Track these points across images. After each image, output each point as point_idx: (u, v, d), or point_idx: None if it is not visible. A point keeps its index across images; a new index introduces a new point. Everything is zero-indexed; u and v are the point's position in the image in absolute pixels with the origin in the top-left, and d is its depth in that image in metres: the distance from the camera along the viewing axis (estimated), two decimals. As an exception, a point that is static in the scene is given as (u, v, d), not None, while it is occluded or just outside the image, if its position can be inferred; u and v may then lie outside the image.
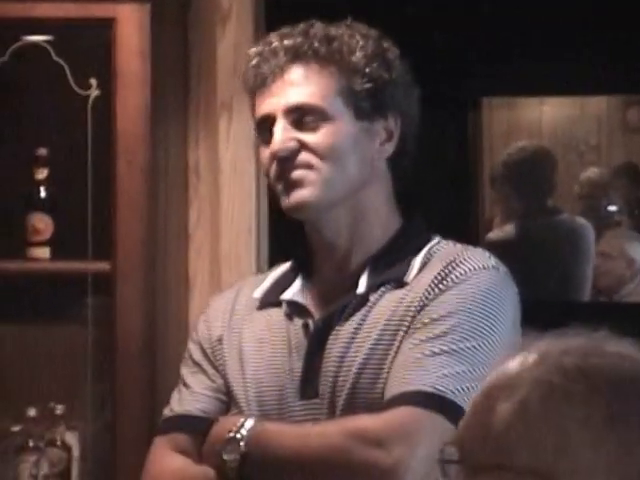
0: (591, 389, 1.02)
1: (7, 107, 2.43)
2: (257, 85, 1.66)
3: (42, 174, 2.31)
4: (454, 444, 1.20)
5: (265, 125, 1.65)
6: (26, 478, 2.36)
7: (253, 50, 1.70)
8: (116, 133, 2.28)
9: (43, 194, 2.37)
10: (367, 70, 1.65)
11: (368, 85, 1.66)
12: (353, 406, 1.67)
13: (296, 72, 1.66)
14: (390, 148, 1.69)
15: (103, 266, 2.30)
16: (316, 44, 1.65)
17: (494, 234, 4.05)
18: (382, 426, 1.63)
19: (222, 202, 2.47)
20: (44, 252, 2.37)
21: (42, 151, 2.31)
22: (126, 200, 2.31)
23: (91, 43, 2.36)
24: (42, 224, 2.36)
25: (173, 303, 2.47)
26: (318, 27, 1.70)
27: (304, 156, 1.64)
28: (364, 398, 1.68)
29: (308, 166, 1.65)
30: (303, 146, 1.63)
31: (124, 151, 2.29)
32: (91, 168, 2.32)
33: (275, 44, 1.65)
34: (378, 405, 1.66)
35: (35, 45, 2.30)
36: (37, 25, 2.32)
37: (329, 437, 1.68)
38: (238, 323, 1.82)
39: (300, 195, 1.65)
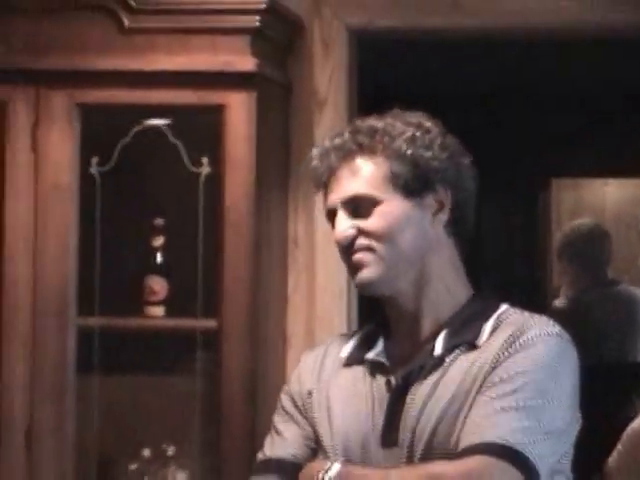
0: None
1: (130, 182, 2.65)
2: (318, 184, 1.84)
3: (159, 241, 2.53)
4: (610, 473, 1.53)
5: (331, 216, 1.80)
6: None
7: (313, 152, 1.85)
8: (224, 206, 2.43)
9: (159, 259, 2.57)
10: (409, 153, 1.77)
11: (411, 167, 1.78)
12: (429, 455, 1.75)
13: (346, 168, 1.80)
14: (444, 217, 1.80)
15: (211, 324, 2.47)
16: (360, 138, 1.79)
17: (559, 302, 4.21)
18: (456, 472, 1.71)
19: (317, 269, 2.68)
20: (159, 311, 2.57)
21: (159, 221, 2.51)
22: (232, 266, 2.46)
23: (204, 126, 2.50)
24: (158, 286, 2.55)
25: (272, 358, 2.66)
26: (364, 121, 1.84)
27: (362, 240, 1.78)
28: (440, 448, 1.75)
29: (367, 249, 1.78)
30: (360, 232, 1.76)
31: (231, 223, 2.45)
32: (202, 237, 2.50)
33: (327, 145, 1.81)
34: (452, 454, 1.74)
35: (154, 128, 2.47)
36: (157, 110, 2.51)
37: (408, 479, 1.79)
38: (326, 378, 1.92)
39: (362, 276, 1.79)
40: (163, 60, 2.46)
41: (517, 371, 1.73)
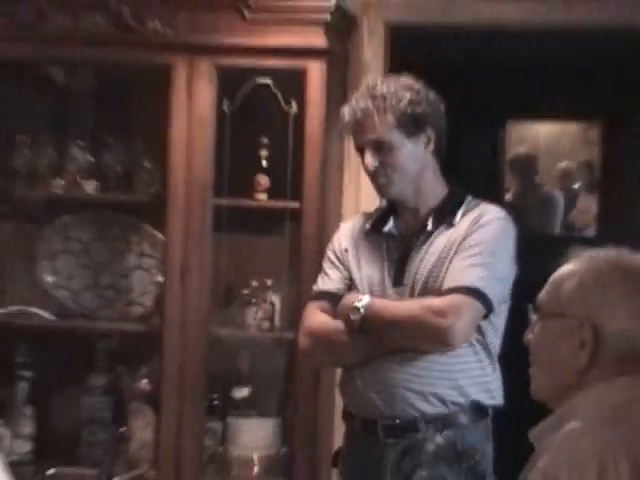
0: (624, 273, 1.61)
1: (247, 116, 3.42)
2: (347, 130, 2.56)
3: (264, 153, 3.35)
4: (537, 302, 1.67)
5: (359, 150, 2.49)
6: (250, 320, 3.43)
7: (344, 109, 2.55)
8: (305, 132, 3.24)
9: (264, 164, 3.38)
10: (408, 111, 2.42)
11: (410, 119, 2.43)
12: (424, 292, 2.41)
13: (368, 122, 2.45)
14: (431, 147, 2.46)
15: (295, 205, 3.35)
16: (376, 103, 2.44)
17: (507, 198, 5.84)
18: (442, 303, 2.36)
19: (361, 174, 3.16)
20: (263, 197, 3.40)
21: (264, 140, 3.35)
22: (310, 169, 3.26)
23: (294, 82, 3.31)
24: (263, 181, 3.39)
25: (333, 227, 3.15)
26: (377, 88, 2.52)
27: (381, 170, 2.46)
28: (431, 288, 2.41)
29: (385, 174, 2.46)
30: (381, 163, 2.43)
31: (310, 142, 3.24)
32: (291, 150, 3.30)
33: (354, 105, 2.48)
34: (439, 293, 2.39)
35: (263, 83, 3.29)
36: (265, 71, 3.32)
37: (411, 307, 2.44)
38: (356, 240, 2.61)
39: (382, 191, 2.53)
40: (269, 40, 3.22)
41: (479, 241, 2.42)
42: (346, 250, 2.62)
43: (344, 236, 2.67)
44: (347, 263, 2.61)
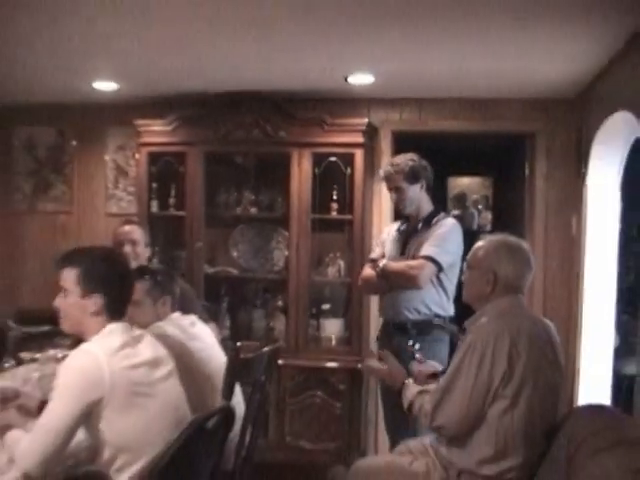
0: (507, 245, 2.91)
1: (325, 180, 5.24)
2: (382, 181, 4.07)
3: (334, 194, 5.18)
4: (466, 260, 2.94)
5: (390, 190, 3.97)
6: (329, 273, 5.25)
7: (380, 171, 4.13)
8: (354, 187, 5.11)
9: (335, 197, 5.18)
10: (410, 172, 3.95)
11: (411, 177, 3.95)
12: (413, 259, 3.86)
13: (391, 178, 3.99)
14: (424, 188, 3.98)
15: (349, 217, 5.08)
16: (395, 169, 3.98)
17: (454, 213, 7.41)
18: (415, 263, 3.88)
19: (382, 200, 5.37)
20: (335, 213, 5.10)
21: (334, 186, 5.08)
22: (357, 197, 5.08)
23: (349, 158, 4.95)
24: (334, 205, 5.11)
25: (368, 229, 5.32)
26: (395, 160, 4.02)
27: (399, 201, 4.00)
28: (416, 257, 3.87)
29: (402, 203, 3.99)
30: (399, 198, 3.97)
31: (357, 185, 5.11)
32: (348, 193, 5.16)
33: (386, 169, 4.01)
34: (417, 259, 3.80)
35: (332, 160, 5.07)
36: (332, 154, 5.12)
37: (401, 265, 3.93)
38: (390, 234, 4.20)
39: (401, 211, 4.03)
40: (336, 139, 5.00)
41: (439, 233, 3.87)
42: (384, 239, 4.18)
43: (385, 233, 4.26)
44: (383, 245, 4.15)
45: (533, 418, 2.77)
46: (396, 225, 4.24)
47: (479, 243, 2.94)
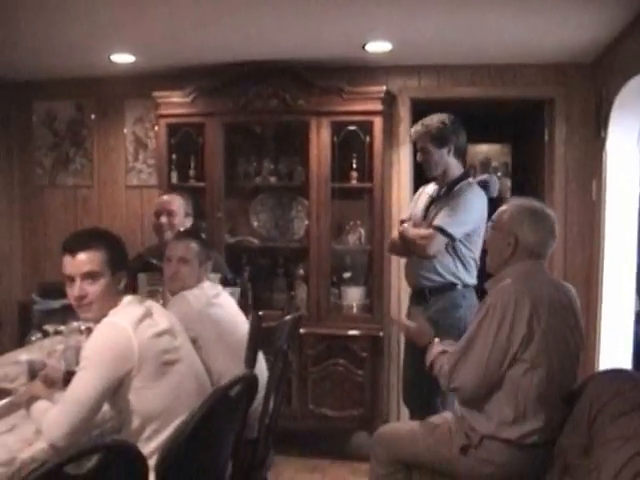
0: (530, 210, 2.90)
1: (344, 149, 5.16)
2: (412, 141, 4.05)
3: (354, 162, 5.38)
4: (490, 221, 3.02)
5: (416, 149, 3.91)
6: (350, 240, 5.26)
7: (412, 129, 3.95)
8: (374, 150, 5.19)
9: (354, 166, 5.25)
10: (439, 135, 3.84)
11: (440, 139, 3.84)
12: (430, 225, 3.82)
13: (421, 138, 3.89)
14: (452, 152, 3.88)
15: (369, 185, 5.10)
16: (425, 128, 3.87)
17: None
18: (425, 233, 3.84)
19: (401, 162, 5.47)
20: (355, 181, 5.13)
21: (354, 155, 5.17)
22: (377, 168, 5.11)
23: (367, 126, 4.99)
24: (354, 173, 5.18)
25: (388, 195, 5.39)
26: (425, 120, 3.87)
27: (426, 163, 3.92)
28: (431, 223, 3.84)
29: (428, 165, 3.93)
30: (425, 157, 3.90)
31: (376, 156, 5.16)
32: (367, 160, 5.20)
33: (416, 128, 3.88)
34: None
35: (351, 129, 5.07)
36: (352, 122, 5.10)
37: (413, 233, 3.91)
38: (422, 195, 4.18)
39: (427, 172, 3.95)
40: (355, 107, 4.96)
41: (455, 202, 3.84)
42: (415, 199, 4.26)
43: (417, 194, 4.29)
44: (415, 204, 4.20)
45: (552, 382, 2.80)
46: (431, 185, 4.24)
47: (505, 206, 2.97)
